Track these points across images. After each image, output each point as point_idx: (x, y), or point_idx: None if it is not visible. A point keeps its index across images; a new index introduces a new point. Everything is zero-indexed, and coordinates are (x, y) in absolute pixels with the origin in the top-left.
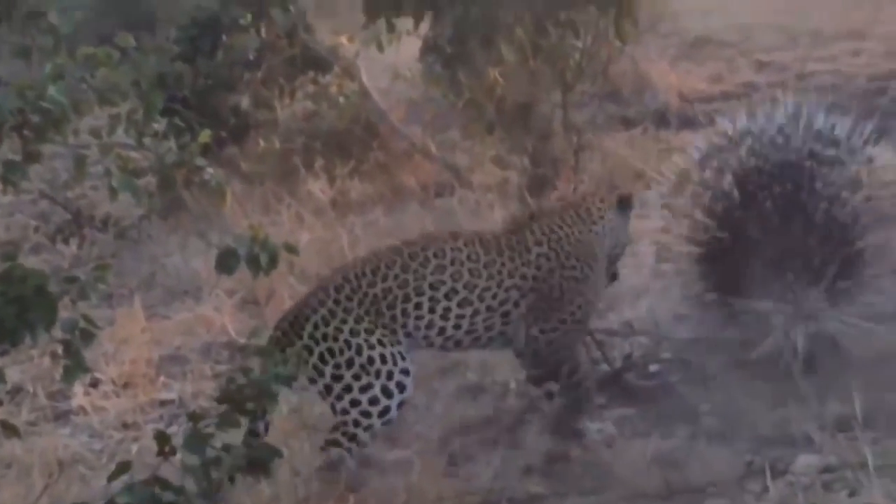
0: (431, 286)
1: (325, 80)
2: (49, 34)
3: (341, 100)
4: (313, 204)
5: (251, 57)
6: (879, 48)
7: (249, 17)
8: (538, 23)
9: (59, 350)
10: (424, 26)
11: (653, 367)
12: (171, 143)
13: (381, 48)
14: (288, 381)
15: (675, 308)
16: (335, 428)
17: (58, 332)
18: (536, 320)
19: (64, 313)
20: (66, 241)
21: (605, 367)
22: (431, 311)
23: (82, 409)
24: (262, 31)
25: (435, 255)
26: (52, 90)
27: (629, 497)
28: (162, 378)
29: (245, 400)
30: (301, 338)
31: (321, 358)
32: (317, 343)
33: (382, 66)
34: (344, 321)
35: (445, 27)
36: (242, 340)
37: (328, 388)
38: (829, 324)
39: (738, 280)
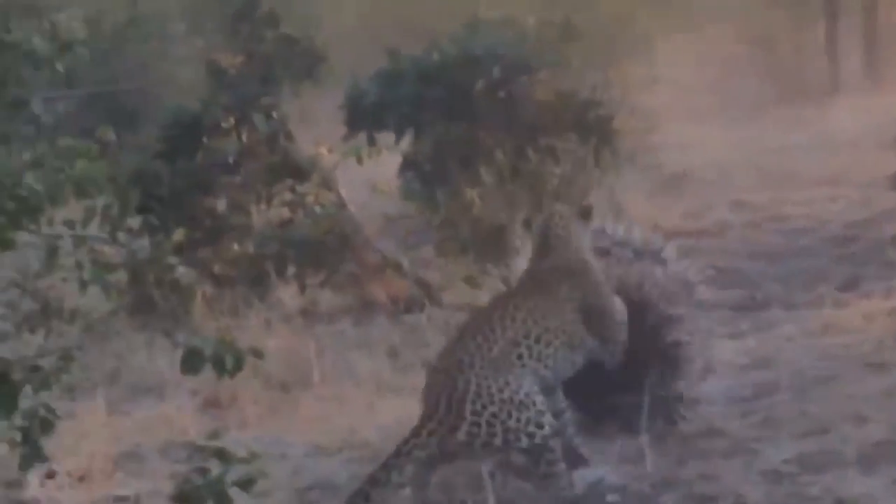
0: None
1: (303, 189)
2: (31, 123)
3: (317, 209)
4: (282, 311)
5: (230, 161)
6: (855, 195)
7: (232, 120)
8: (518, 147)
9: (18, 438)
10: (405, 142)
11: (610, 498)
12: (145, 241)
13: (360, 161)
14: (246, 485)
15: None
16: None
17: (17, 420)
18: None
19: (25, 402)
20: (32, 331)
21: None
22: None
23: (36, 501)
24: (244, 135)
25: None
26: (29, 178)
27: None
28: (119, 474)
29: (200, 501)
30: (464, 418)
31: (489, 423)
32: (480, 415)
33: (361, 179)
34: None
35: (426, 145)
36: (201, 441)
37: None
38: None
39: None
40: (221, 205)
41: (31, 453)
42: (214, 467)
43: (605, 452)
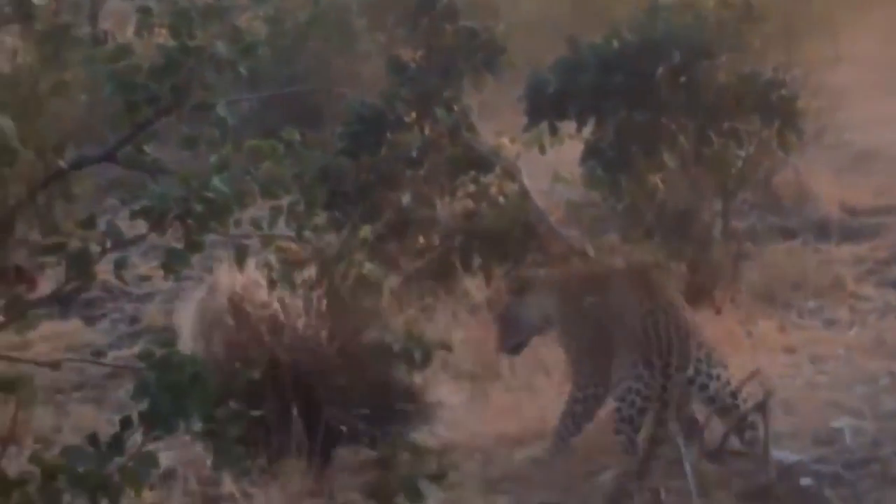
0: None
1: (486, 180)
2: (216, 126)
3: (501, 200)
4: (469, 302)
5: (414, 154)
6: None
7: (414, 114)
8: (701, 130)
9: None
10: (587, 130)
11: (804, 481)
12: (332, 237)
13: (542, 150)
14: (437, 478)
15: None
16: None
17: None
18: None
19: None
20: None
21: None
22: None
23: (232, 496)
24: (426, 129)
25: None
26: (216, 180)
27: None
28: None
29: (393, 495)
30: (691, 353)
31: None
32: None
33: (543, 167)
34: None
35: (608, 132)
36: None
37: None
38: None
39: None
40: (406, 198)
41: (225, 452)
42: (406, 460)
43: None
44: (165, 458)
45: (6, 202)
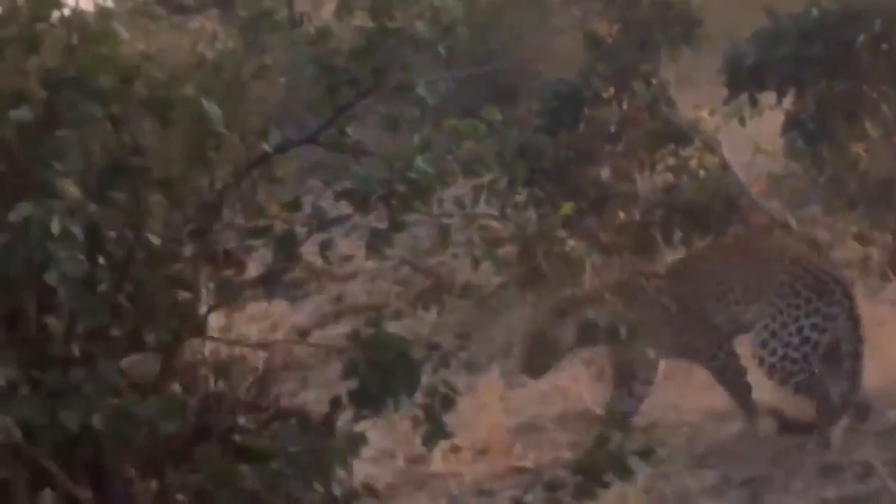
0: None
1: (686, 153)
2: (416, 106)
3: (701, 173)
4: None
5: (612, 129)
6: None
7: (611, 89)
8: None
9: (421, 415)
10: (787, 101)
11: None
12: (532, 214)
13: (742, 122)
14: (645, 455)
15: None
16: None
17: (419, 398)
18: None
19: (425, 379)
20: (426, 308)
21: None
22: None
23: (440, 475)
24: (623, 104)
25: None
26: (419, 161)
27: None
28: (518, 446)
29: (601, 472)
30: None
31: None
32: None
33: (743, 139)
34: None
35: (808, 102)
36: (599, 411)
37: None
38: None
39: None
40: (605, 174)
41: (434, 429)
42: (613, 437)
43: None
44: (374, 437)
45: (213, 186)
